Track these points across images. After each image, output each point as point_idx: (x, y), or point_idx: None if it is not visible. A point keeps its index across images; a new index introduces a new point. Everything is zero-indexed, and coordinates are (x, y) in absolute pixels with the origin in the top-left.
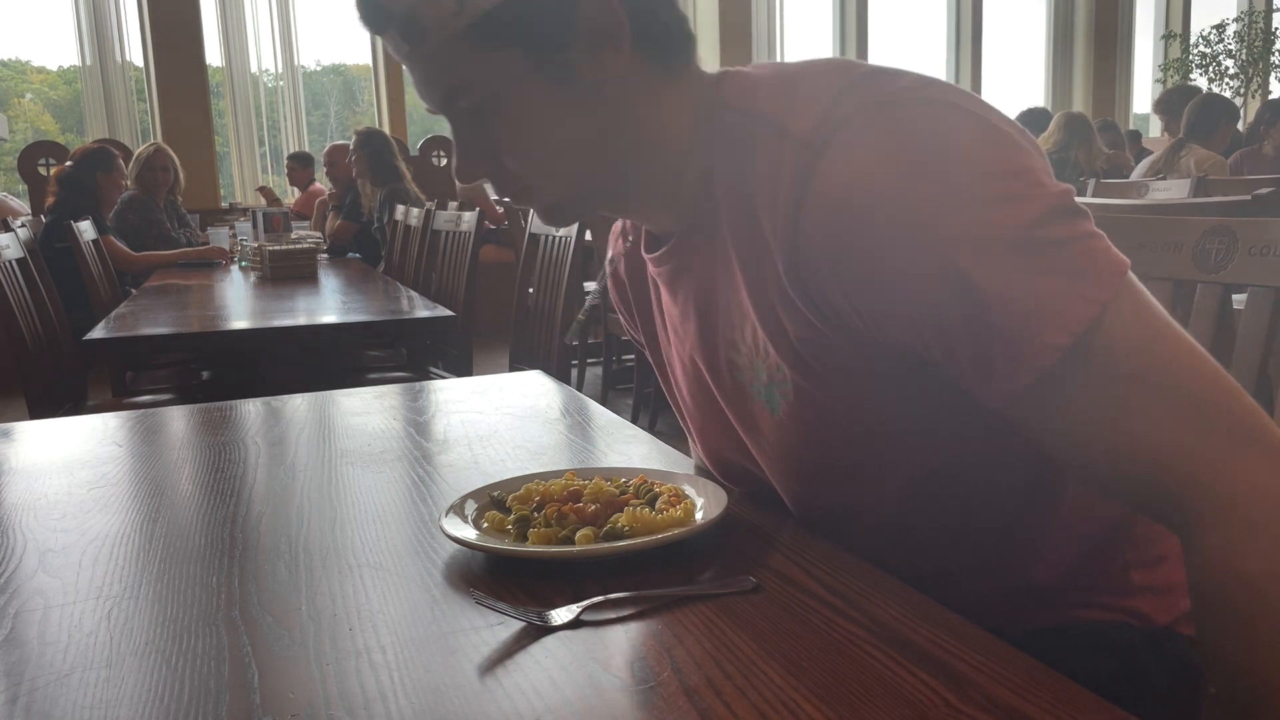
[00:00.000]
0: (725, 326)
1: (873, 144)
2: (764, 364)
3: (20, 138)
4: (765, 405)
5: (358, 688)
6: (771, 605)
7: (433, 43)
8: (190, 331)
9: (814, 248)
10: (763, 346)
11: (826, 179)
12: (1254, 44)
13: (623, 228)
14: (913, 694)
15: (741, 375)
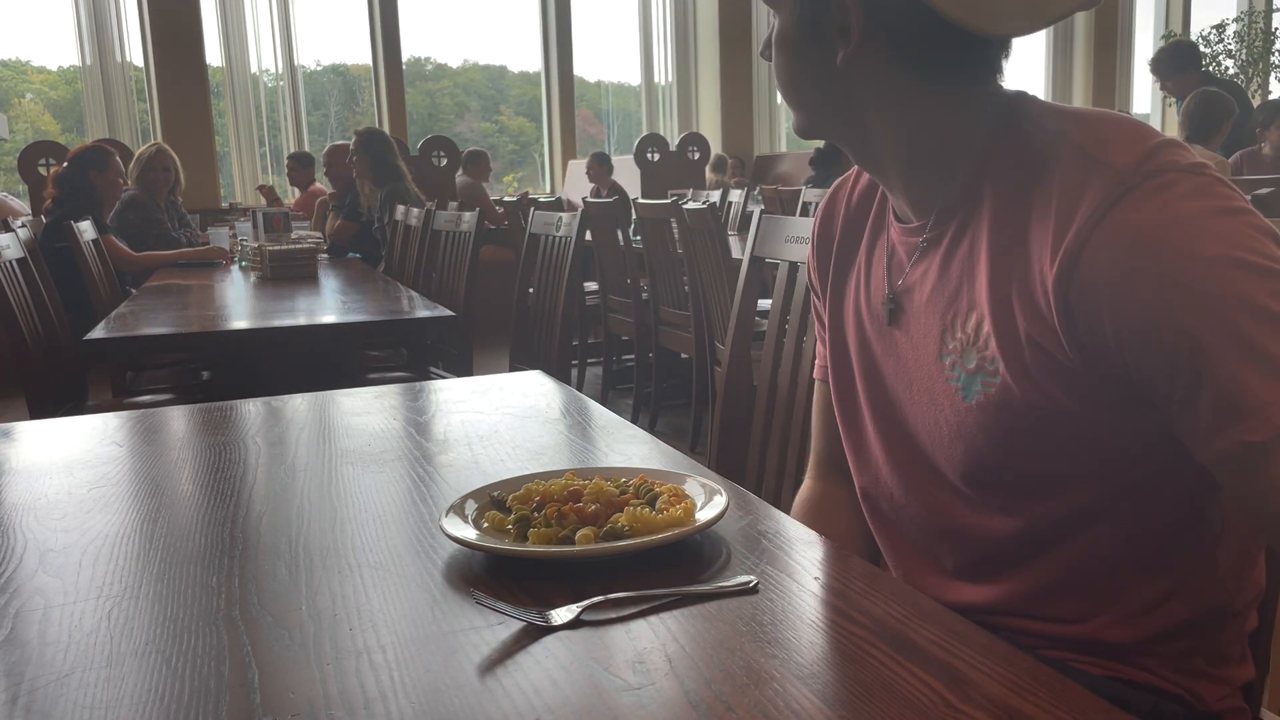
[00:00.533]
0: (949, 309)
1: (1180, 196)
2: (977, 353)
3: (20, 138)
4: (958, 389)
5: (358, 688)
6: (771, 605)
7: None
8: (190, 331)
9: (1099, 265)
10: (984, 337)
11: (1134, 211)
12: (1254, 44)
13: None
14: (913, 694)
15: (947, 356)
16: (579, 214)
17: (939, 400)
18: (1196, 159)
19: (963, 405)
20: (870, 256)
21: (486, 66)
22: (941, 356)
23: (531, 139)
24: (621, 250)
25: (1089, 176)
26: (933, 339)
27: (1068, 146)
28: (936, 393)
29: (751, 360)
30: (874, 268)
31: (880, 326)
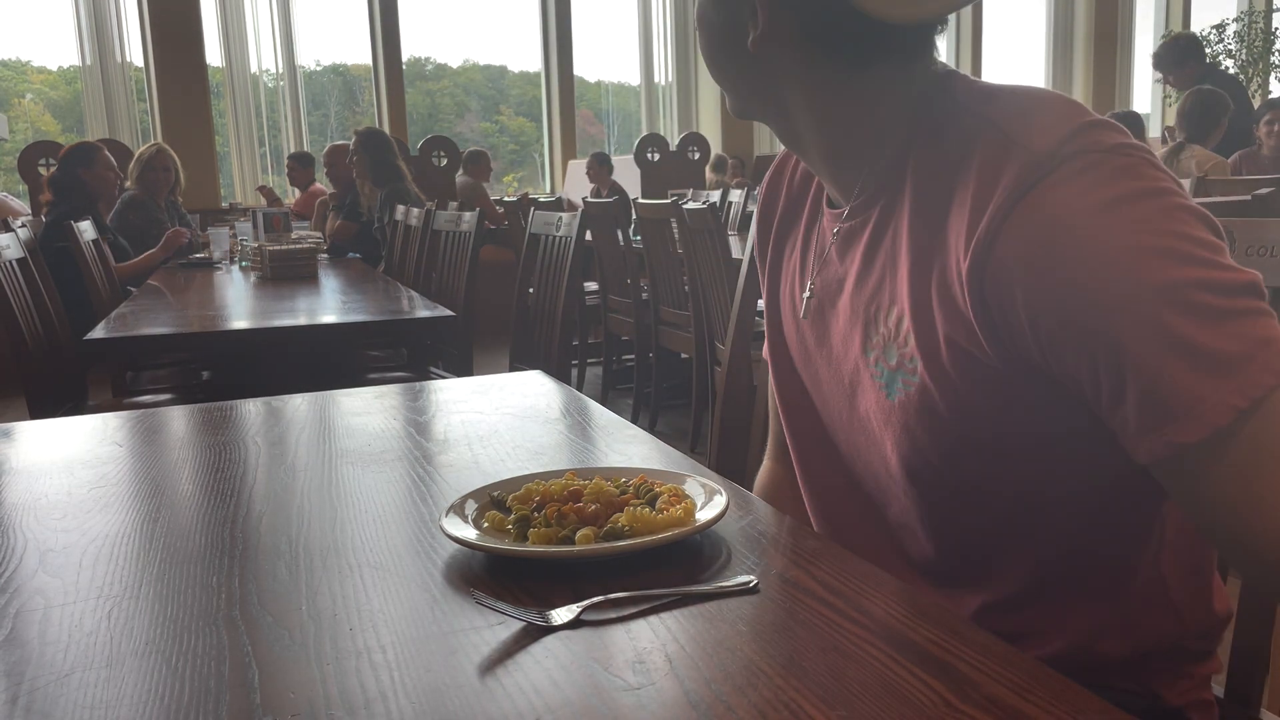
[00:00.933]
0: (872, 302)
1: (1098, 181)
2: (897, 350)
3: (20, 138)
4: (882, 386)
5: (358, 687)
6: (771, 605)
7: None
8: (190, 331)
9: (1011, 254)
10: (904, 334)
11: (1047, 195)
12: (1254, 44)
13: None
14: (913, 694)
15: (870, 353)
16: (579, 214)
17: (867, 394)
18: (1126, 139)
19: (886, 402)
20: (807, 239)
21: (486, 66)
22: (866, 351)
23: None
24: (621, 250)
25: (1006, 160)
26: (858, 331)
27: (989, 129)
28: (865, 386)
29: (751, 360)
30: (808, 252)
31: (812, 313)
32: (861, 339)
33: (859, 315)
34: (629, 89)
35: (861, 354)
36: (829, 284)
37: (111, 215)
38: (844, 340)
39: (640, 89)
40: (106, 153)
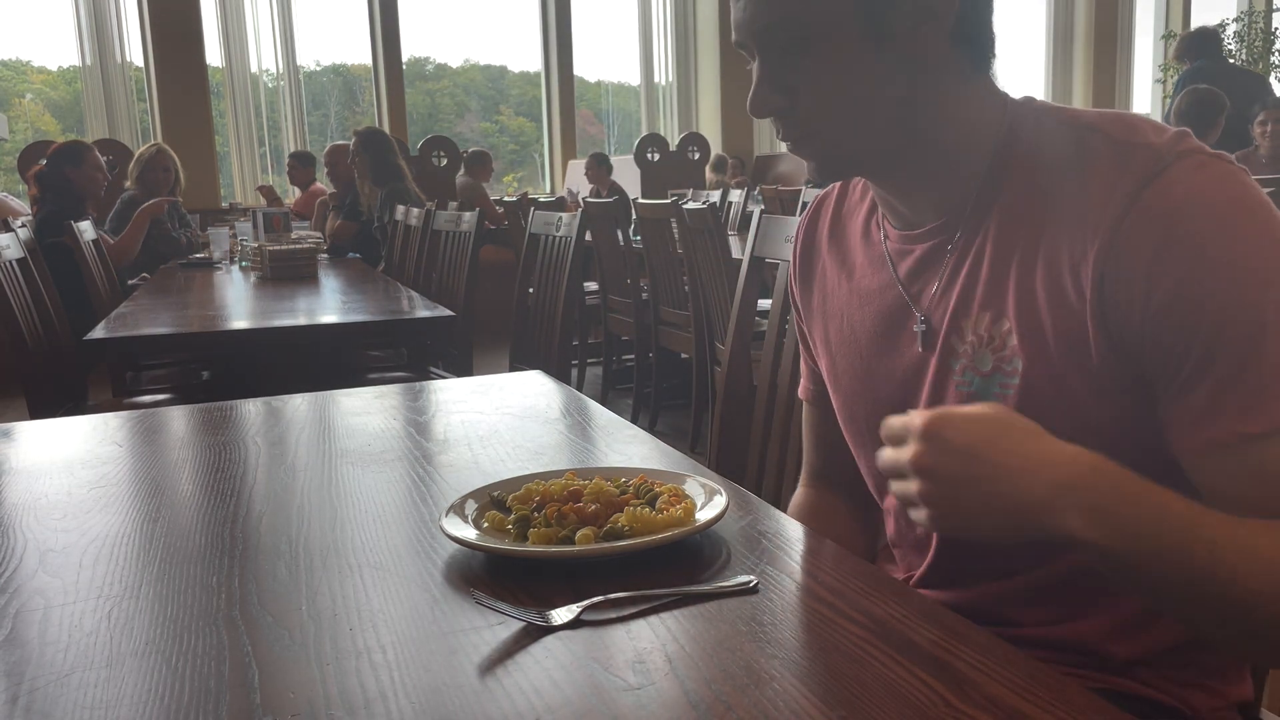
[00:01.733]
0: (955, 314)
1: (1218, 176)
2: (993, 355)
3: (20, 138)
4: (970, 393)
5: (358, 687)
6: (771, 605)
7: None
8: (190, 331)
9: (1140, 235)
10: (1002, 337)
11: (1176, 180)
12: (1254, 44)
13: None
14: (913, 694)
15: (956, 361)
16: (579, 214)
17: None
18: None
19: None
20: (851, 269)
21: (486, 66)
22: (951, 362)
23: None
24: (621, 250)
25: (1125, 157)
26: (938, 344)
27: (1095, 135)
28: (945, 399)
29: (751, 360)
30: (862, 278)
31: (876, 339)
32: (942, 351)
33: (939, 328)
34: (629, 89)
35: (940, 365)
36: (897, 304)
37: (111, 215)
38: (922, 357)
39: (640, 89)
40: (96, 154)
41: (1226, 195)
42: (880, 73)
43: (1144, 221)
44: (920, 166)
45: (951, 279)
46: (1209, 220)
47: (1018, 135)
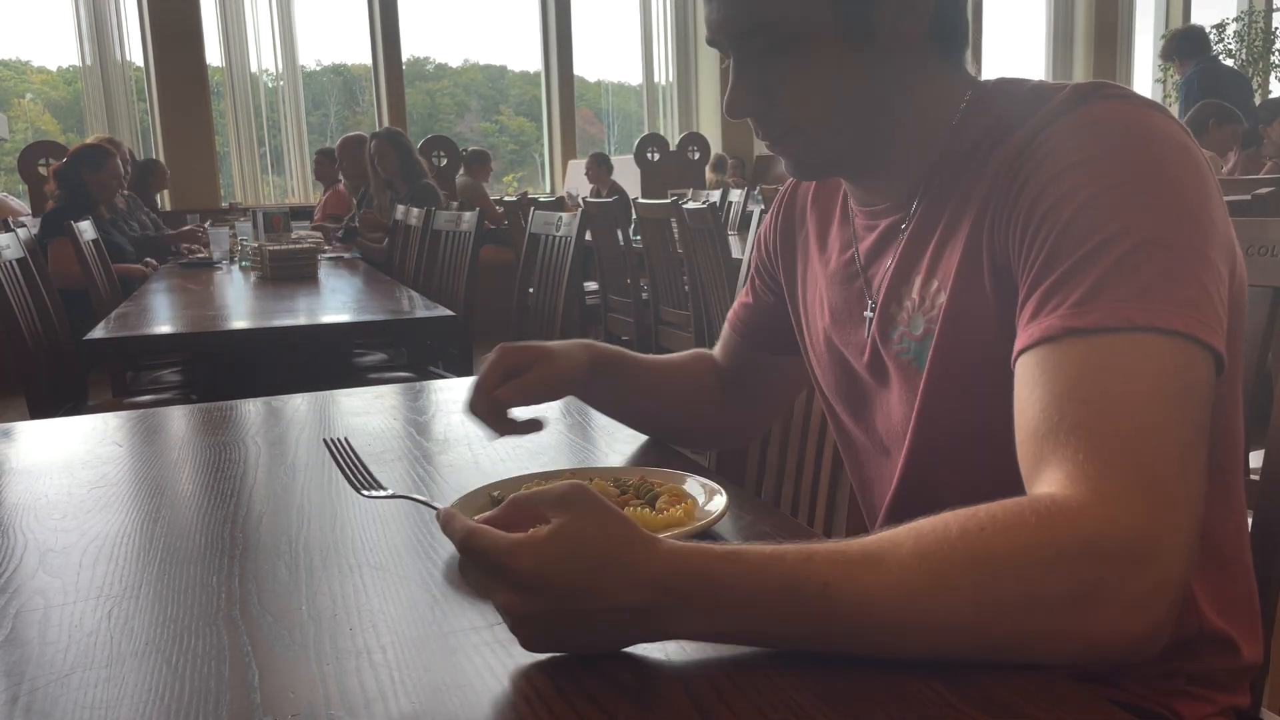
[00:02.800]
0: (894, 283)
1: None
2: (923, 317)
3: (20, 138)
4: (912, 362)
5: (358, 687)
6: None
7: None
8: (190, 331)
9: (1028, 166)
10: (930, 297)
11: (1075, 116)
12: (1254, 44)
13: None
14: (913, 694)
15: (894, 329)
16: (579, 214)
17: (896, 380)
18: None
19: (917, 377)
20: (830, 241)
21: (486, 66)
22: (890, 330)
23: (531, 139)
24: (621, 250)
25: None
26: (877, 315)
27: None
28: (887, 366)
29: None
30: (833, 252)
31: (837, 313)
32: (881, 320)
33: (889, 300)
34: (629, 89)
35: (880, 334)
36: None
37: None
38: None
39: (640, 89)
40: (118, 162)
41: (1129, 121)
42: (859, 71)
43: (1037, 145)
44: (888, 154)
45: (899, 253)
46: (1094, 140)
47: (975, 112)
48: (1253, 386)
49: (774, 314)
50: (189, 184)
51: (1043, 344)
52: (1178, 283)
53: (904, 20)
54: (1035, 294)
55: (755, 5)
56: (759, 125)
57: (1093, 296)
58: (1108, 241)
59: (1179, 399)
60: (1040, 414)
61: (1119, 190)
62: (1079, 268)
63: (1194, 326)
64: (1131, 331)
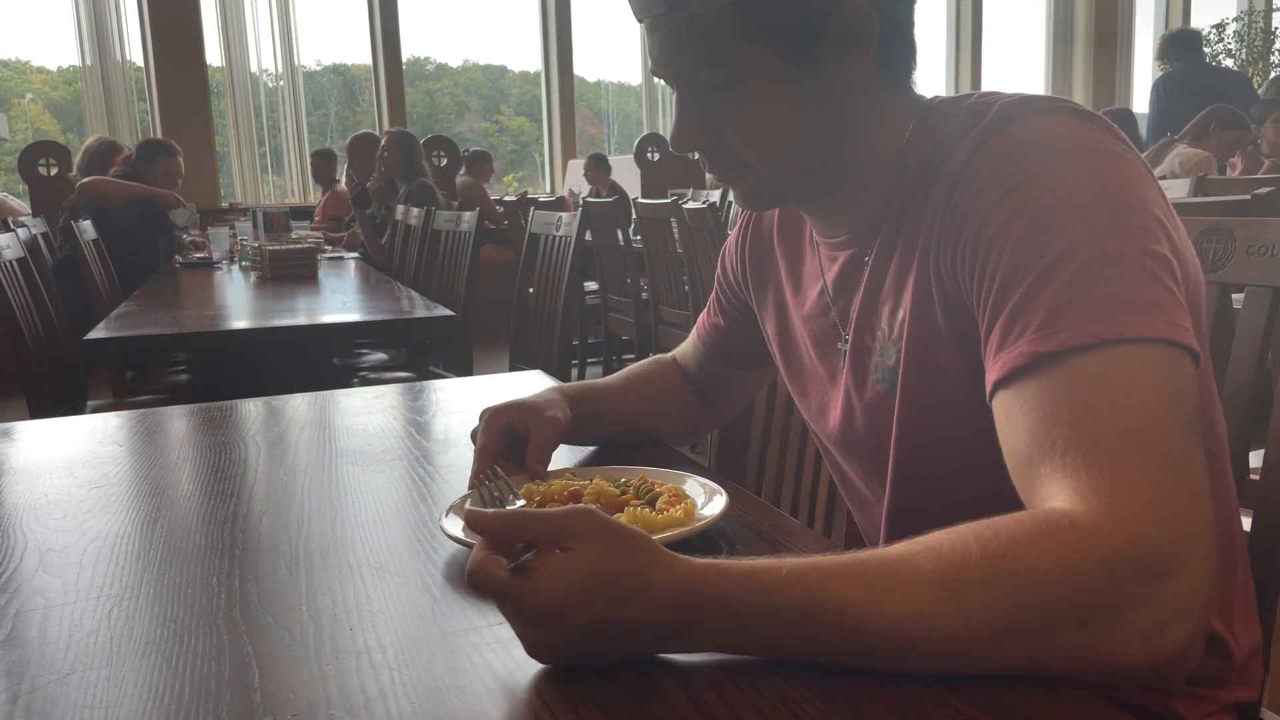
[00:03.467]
0: (864, 312)
1: (1052, 122)
2: (894, 346)
3: (20, 138)
4: (889, 391)
5: (358, 687)
6: None
7: (694, 11)
8: (190, 331)
9: (968, 184)
10: (898, 327)
11: (1009, 134)
12: (1254, 43)
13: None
14: (914, 695)
15: (869, 359)
16: (579, 214)
17: (873, 409)
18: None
19: (893, 402)
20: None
21: (486, 66)
22: (865, 360)
23: (531, 139)
24: (621, 250)
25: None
26: (851, 344)
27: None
28: (865, 393)
29: None
30: (805, 282)
31: (813, 341)
32: (855, 349)
33: (856, 324)
34: (629, 89)
35: (855, 364)
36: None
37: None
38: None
39: (640, 89)
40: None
41: (1056, 137)
42: (804, 106)
43: (976, 168)
44: (841, 184)
45: (865, 283)
46: (1024, 163)
47: (920, 138)
48: (1253, 386)
49: (745, 332)
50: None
51: (1015, 374)
52: (1138, 288)
53: (848, 55)
54: (996, 325)
55: (699, 42)
56: (706, 159)
57: (1055, 319)
58: (1058, 261)
59: (1168, 404)
60: (1030, 442)
61: (1058, 209)
62: (1034, 292)
63: (1164, 329)
64: (1102, 346)
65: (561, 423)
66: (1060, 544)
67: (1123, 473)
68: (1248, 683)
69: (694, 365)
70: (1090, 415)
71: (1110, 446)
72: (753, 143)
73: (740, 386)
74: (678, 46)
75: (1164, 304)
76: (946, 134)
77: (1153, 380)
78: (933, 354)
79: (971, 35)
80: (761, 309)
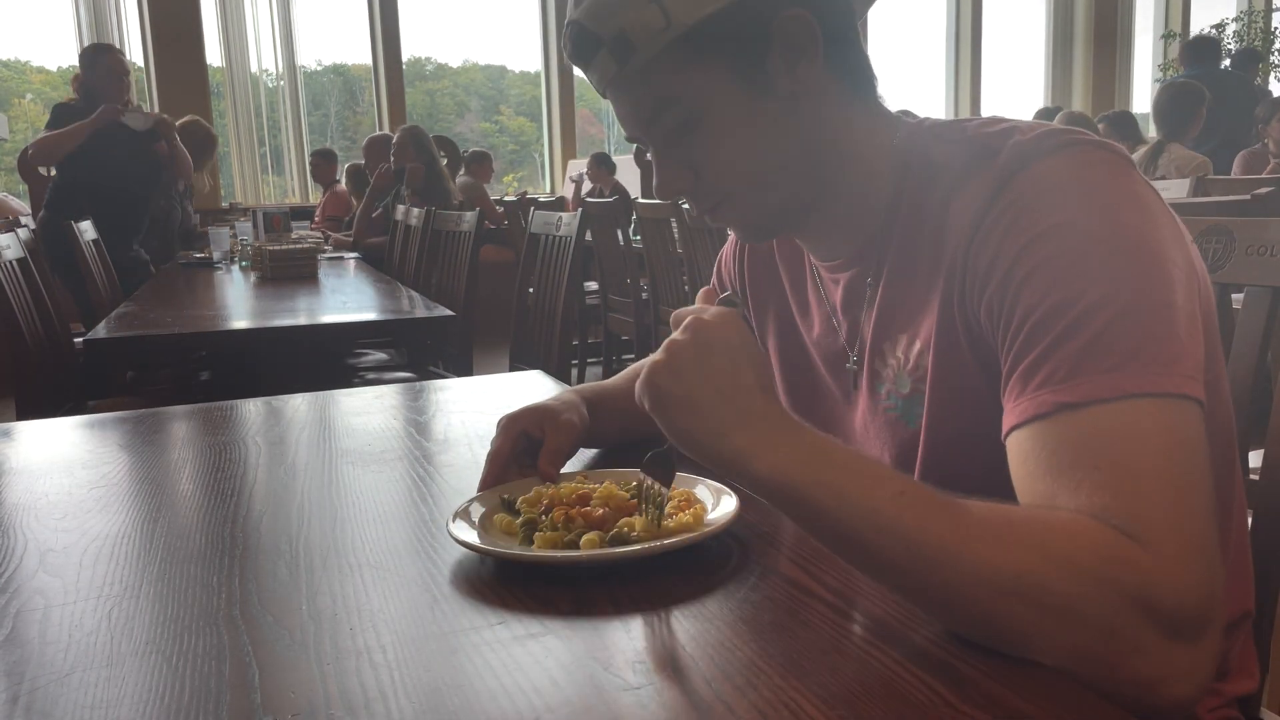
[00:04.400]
0: (877, 338)
1: (1074, 162)
2: (909, 377)
3: (20, 138)
4: (898, 417)
5: (358, 687)
6: (771, 605)
7: (640, 59)
8: (190, 331)
9: (990, 229)
10: (914, 358)
11: (1029, 176)
12: (1254, 43)
13: None
14: (913, 694)
15: (881, 385)
16: (579, 214)
17: (884, 433)
18: (1106, 140)
19: (907, 431)
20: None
21: (486, 66)
22: (878, 386)
23: (531, 139)
24: (621, 250)
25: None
26: (865, 369)
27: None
28: (877, 420)
29: None
30: (812, 302)
31: (819, 360)
32: (869, 375)
33: (867, 351)
34: None
35: (869, 389)
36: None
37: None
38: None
39: None
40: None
41: (1073, 181)
42: (770, 121)
43: (997, 214)
44: (831, 207)
45: (878, 309)
46: (1055, 206)
47: (911, 158)
48: (1253, 386)
49: None
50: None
51: (1036, 420)
52: (1159, 341)
53: (799, 65)
54: (1020, 369)
55: (656, 85)
56: (692, 201)
57: (1079, 371)
58: (1084, 315)
59: (1188, 459)
60: (1053, 481)
61: (1082, 261)
62: (1059, 344)
63: (1182, 384)
64: (1125, 399)
65: (577, 426)
66: (1102, 553)
67: (1158, 517)
68: (1246, 672)
69: None
70: (1118, 461)
71: (1141, 488)
72: (729, 171)
73: None
74: (638, 97)
75: (1181, 356)
76: (952, 161)
77: (1174, 435)
78: (961, 390)
79: (971, 35)
80: (761, 325)
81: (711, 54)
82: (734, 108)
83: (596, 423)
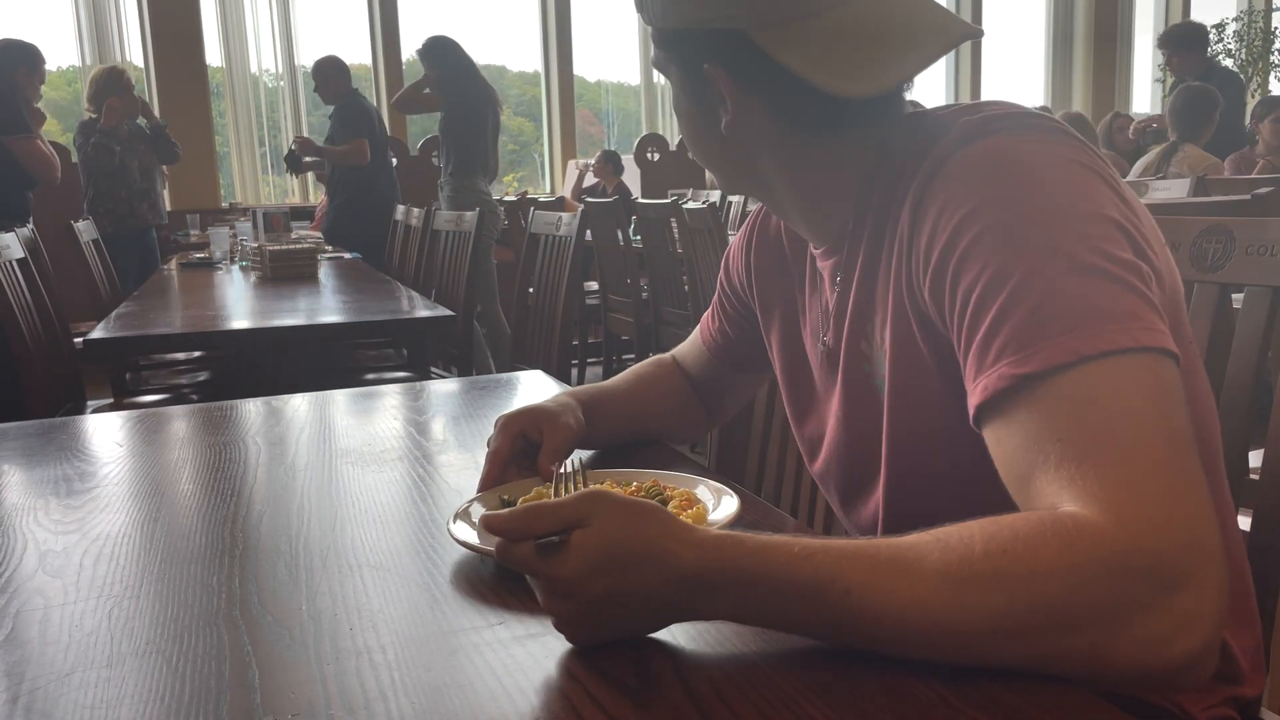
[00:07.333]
0: (855, 321)
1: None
2: (884, 359)
3: None
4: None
5: (358, 687)
6: None
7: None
8: (190, 331)
9: (928, 199)
10: (885, 340)
11: (975, 149)
12: (1254, 43)
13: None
14: (913, 694)
15: (867, 365)
16: (579, 214)
17: (872, 412)
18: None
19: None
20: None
21: (486, 66)
22: (864, 366)
23: (531, 139)
24: (621, 250)
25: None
26: (844, 350)
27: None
28: (868, 404)
29: None
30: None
31: (810, 341)
32: (848, 356)
33: (858, 335)
34: (629, 89)
35: (848, 369)
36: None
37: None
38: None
39: (640, 89)
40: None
41: (1009, 154)
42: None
43: (932, 195)
44: (794, 208)
45: (855, 294)
46: (981, 184)
47: (894, 150)
48: (1253, 386)
49: (750, 338)
50: (189, 185)
51: (998, 398)
52: (1109, 298)
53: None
54: (972, 350)
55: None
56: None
57: (1031, 340)
58: (1026, 281)
59: (1156, 412)
60: (1023, 460)
61: (1018, 228)
62: (1005, 315)
63: (1142, 336)
64: (1084, 362)
65: (574, 428)
66: (1062, 544)
67: (1120, 479)
68: (1247, 680)
69: (695, 368)
70: (1081, 428)
71: (1105, 455)
72: (693, 150)
73: (742, 388)
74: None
75: (1137, 310)
76: (912, 149)
77: (1139, 389)
78: (915, 375)
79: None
80: (767, 317)
81: (676, 61)
82: (687, 103)
83: (592, 426)
